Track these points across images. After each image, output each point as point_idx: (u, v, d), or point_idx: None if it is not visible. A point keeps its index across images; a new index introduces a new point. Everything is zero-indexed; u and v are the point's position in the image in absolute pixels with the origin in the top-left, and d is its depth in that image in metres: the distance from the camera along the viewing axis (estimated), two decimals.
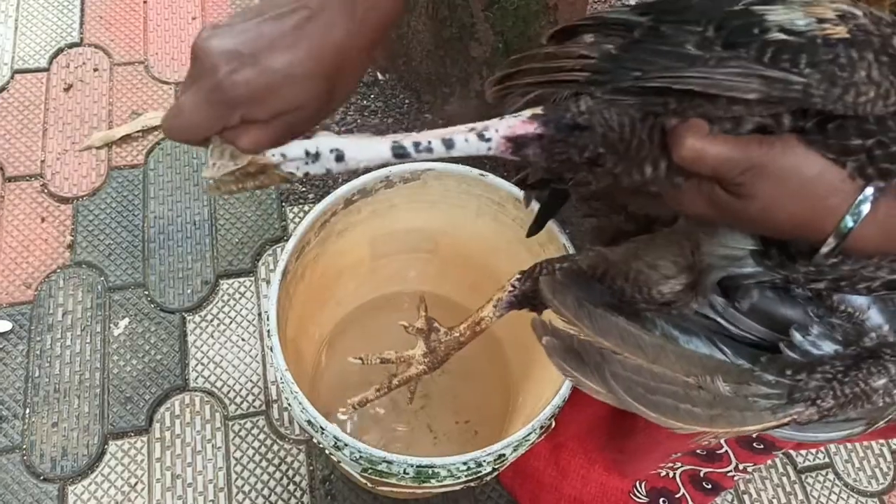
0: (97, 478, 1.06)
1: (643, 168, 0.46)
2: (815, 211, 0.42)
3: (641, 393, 0.49)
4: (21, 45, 1.43)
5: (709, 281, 0.53)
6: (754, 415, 0.48)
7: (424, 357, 0.70)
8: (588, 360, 0.50)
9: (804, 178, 0.42)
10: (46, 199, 1.28)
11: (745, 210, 0.44)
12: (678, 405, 0.48)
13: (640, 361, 0.50)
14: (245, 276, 1.23)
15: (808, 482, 1.14)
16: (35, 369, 1.13)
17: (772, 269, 0.50)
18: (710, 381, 0.49)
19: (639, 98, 0.45)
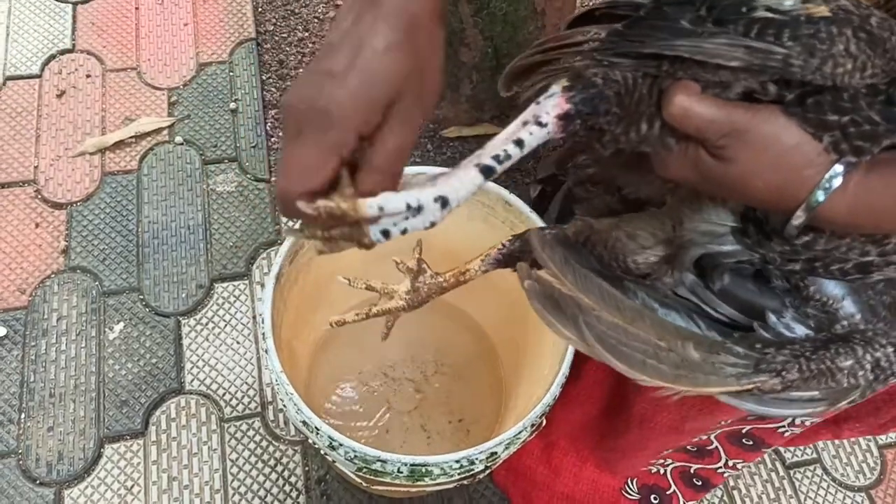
0: (93, 481, 1.07)
1: (640, 125, 0.49)
2: (789, 181, 0.44)
3: (612, 344, 0.51)
4: (13, 52, 1.44)
5: (688, 257, 0.55)
6: (719, 379, 0.50)
7: (407, 294, 0.73)
8: (566, 308, 0.52)
9: (783, 147, 0.44)
10: (40, 205, 1.28)
11: (724, 174, 0.46)
12: (646, 360, 0.50)
13: (617, 320, 0.52)
14: (239, 280, 1.24)
15: (797, 478, 1.16)
16: (30, 374, 1.13)
17: (750, 248, 0.52)
18: (680, 346, 0.51)
19: (636, 61, 0.48)
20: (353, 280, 0.76)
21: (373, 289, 0.75)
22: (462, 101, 1.39)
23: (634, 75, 0.48)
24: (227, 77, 1.45)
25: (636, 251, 0.57)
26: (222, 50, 1.49)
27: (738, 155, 0.45)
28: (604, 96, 0.49)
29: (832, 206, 0.44)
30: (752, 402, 0.51)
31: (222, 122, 1.40)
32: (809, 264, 0.50)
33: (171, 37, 1.49)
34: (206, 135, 1.38)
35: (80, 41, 1.46)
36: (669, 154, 0.48)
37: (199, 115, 1.40)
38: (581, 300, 0.53)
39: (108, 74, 1.43)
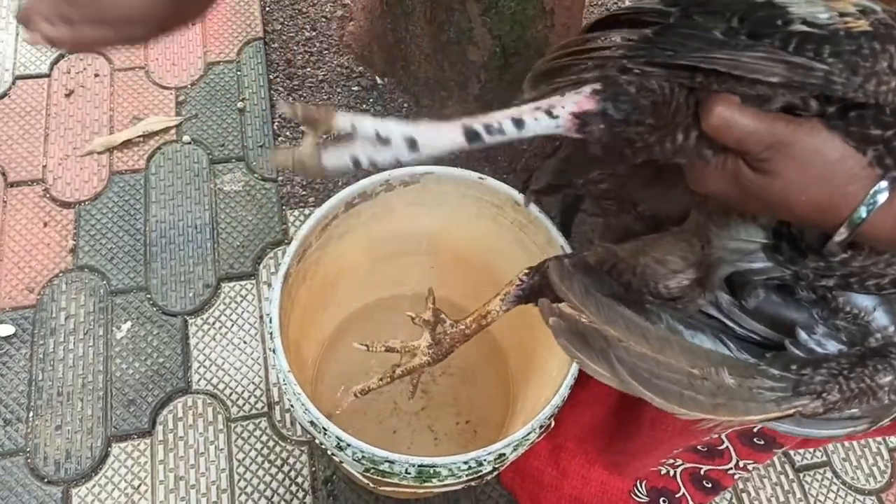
0: (101, 480, 1.07)
1: (675, 136, 0.47)
2: (833, 196, 0.43)
3: (646, 377, 0.50)
4: (22, 52, 1.44)
5: (717, 276, 0.54)
6: (758, 405, 0.48)
7: (429, 348, 0.71)
8: (593, 343, 0.51)
9: (827, 161, 0.43)
10: (49, 204, 1.29)
11: (766, 188, 0.44)
12: (682, 391, 0.49)
13: (645, 350, 0.51)
14: (246, 280, 1.24)
15: (807, 480, 1.15)
16: (38, 373, 1.14)
17: (782, 265, 0.51)
18: (714, 373, 0.49)
19: (669, 71, 0.47)
20: (371, 344, 0.75)
21: (393, 350, 0.74)
22: (470, 100, 1.39)
23: (671, 85, 0.47)
24: (234, 76, 1.45)
25: (668, 276, 0.56)
26: (230, 49, 1.49)
27: (781, 168, 0.43)
28: (638, 105, 0.48)
29: (876, 222, 0.43)
30: (790, 423, 0.50)
31: (230, 121, 1.40)
32: (844, 280, 0.48)
33: (180, 36, 1.49)
34: (213, 134, 1.38)
35: None
36: (706, 167, 0.47)
37: (206, 115, 1.40)
38: (606, 332, 0.52)
39: (117, 74, 1.44)
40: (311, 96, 1.44)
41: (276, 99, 1.43)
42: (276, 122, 1.41)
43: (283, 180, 1.34)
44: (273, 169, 0.49)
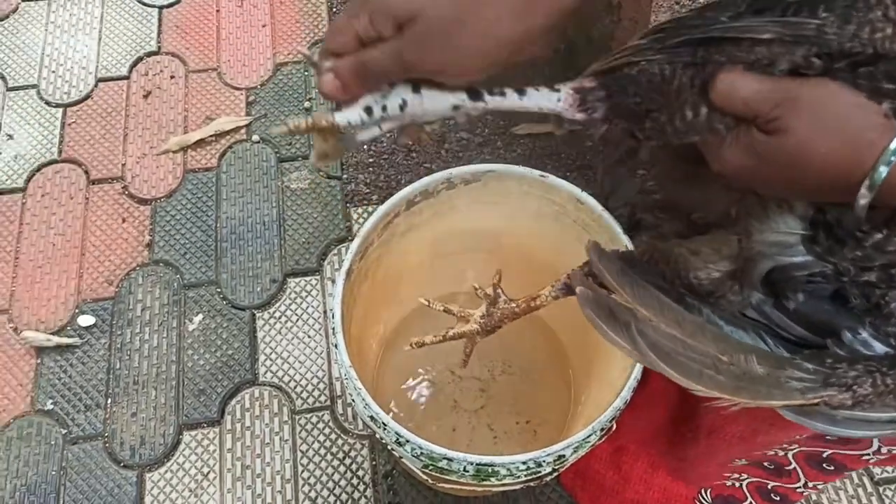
0: (172, 466, 1.11)
1: (684, 112, 0.48)
2: (852, 147, 0.42)
3: (667, 353, 0.49)
4: (104, 55, 1.51)
5: (757, 271, 0.52)
6: (782, 392, 0.47)
7: (481, 318, 0.75)
8: (619, 316, 0.51)
9: (839, 109, 0.42)
10: (127, 201, 1.35)
11: (781, 148, 0.43)
12: (703, 370, 0.48)
13: (675, 332, 0.50)
14: (311, 275, 1.27)
15: (887, 495, 1.09)
16: (116, 362, 1.19)
17: (821, 258, 0.49)
18: (743, 360, 0.48)
19: (670, 53, 0.48)
20: (432, 302, 0.79)
21: (450, 311, 0.77)
22: None
23: (672, 66, 0.48)
24: (301, 77, 1.48)
25: (699, 266, 0.55)
26: (298, 50, 1.52)
27: (793, 122, 0.42)
28: (633, 79, 0.49)
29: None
30: (823, 421, 0.48)
31: None
32: (885, 272, 0.46)
33: (250, 38, 1.54)
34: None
35: (165, 43, 1.53)
36: (722, 143, 0.47)
37: (274, 114, 1.44)
38: (638, 311, 0.51)
39: (191, 75, 1.49)
40: None
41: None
42: None
43: (347, 178, 1.37)
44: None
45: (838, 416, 0.48)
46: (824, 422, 0.48)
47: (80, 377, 1.18)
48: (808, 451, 0.72)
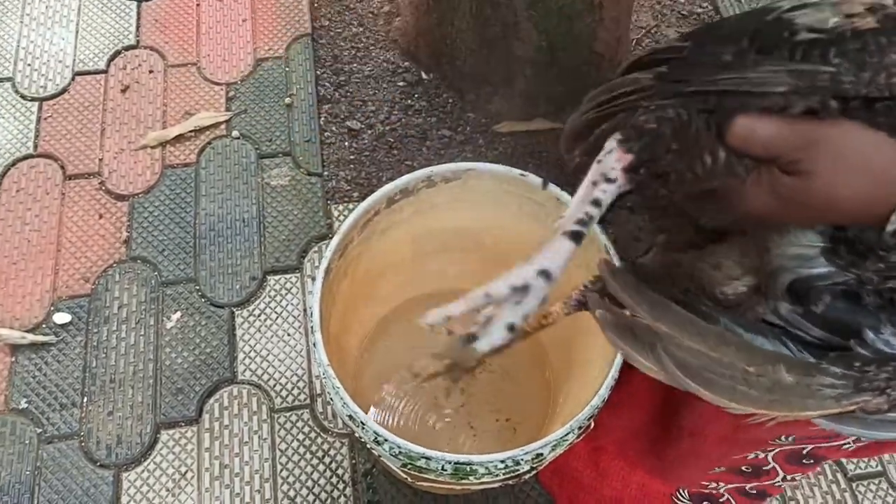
0: (150, 465, 1.10)
1: (703, 158, 0.48)
2: (876, 185, 0.42)
3: (696, 371, 0.49)
4: (81, 49, 1.49)
5: (779, 284, 0.52)
6: (816, 402, 0.47)
7: None
8: (641, 337, 0.50)
9: (861, 149, 0.42)
10: (104, 197, 1.33)
11: (806, 191, 0.43)
12: (735, 386, 0.48)
13: (698, 346, 0.49)
14: (291, 273, 1.26)
15: (860, 490, 1.11)
16: (92, 360, 1.18)
17: (843, 269, 0.49)
18: (771, 370, 0.48)
19: (683, 99, 0.48)
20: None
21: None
22: (515, 96, 1.38)
23: (688, 111, 0.48)
24: (282, 72, 1.47)
25: (723, 282, 0.54)
26: (279, 45, 1.51)
27: (817, 165, 0.43)
28: (660, 135, 0.48)
29: None
30: (856, 425, 0.48)
31: (277, 116, 1.42)
32: None
33: (230, 32, 1.52)
34: (261, 129, 1.41)
35: (143, 37, 1.51)
36: (743, 185, 0.46)
37: (255, 110, 1.43)
38: (658, 328, 0.50)
39: (170, 70, 1.47)
40: (358, 91, 1.45)
41: (323, 94, 1.45)
42: (322, 118, 1.42)
43: (328, 175, 1.36)
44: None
45: (869, 420, 0.48)
46: (857, 425, 0.48)
47: (56, 375, 1.16)
48: (788, 451, 0.72)
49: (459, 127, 1.41)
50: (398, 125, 1.41)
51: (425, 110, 1.43)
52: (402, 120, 1.42)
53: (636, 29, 1.52)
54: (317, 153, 1.38)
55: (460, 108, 1.43)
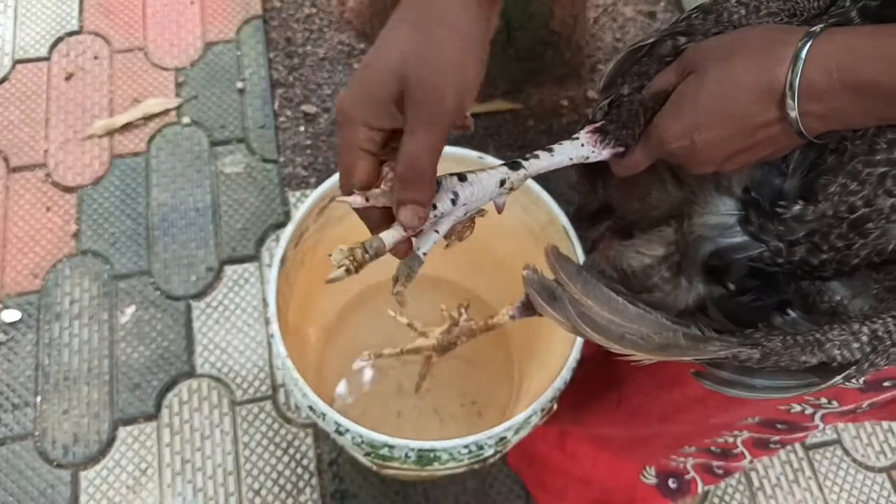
0: (108, 463, 1.07)
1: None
2: (766, 55, 0.45)
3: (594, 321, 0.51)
4: (21, 35, 1.43)
5: (700, 254, 0.53)
6: (698, 351, 0.49)
7: (440, 335, 0.80)
8: (560, 298, 0.53)
9: (743, 33, 0.47)
10: (51, 189, 1.28)
11: (703, 85, 0.47)
12: (624, 335, 0.50)
13: (615, 318, 0.52)
14: (249, 262, 1.24)
15: (816, 458, 1.14)
16: (44, 358, 1.14)
17: (756, 237, 0.51)
18: (671, 336, 0.50)
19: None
20: (397, 314, 0.84)
21: (412, 327, 0.82)
22: None
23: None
24: (233, 56, 1.43)
25: (631, 255, 0.57)
26: (229, 28, 1.46)
27: (703, 63, 0.47)
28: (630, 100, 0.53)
29: (814, 75, 0.43)
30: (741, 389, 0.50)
31: (230, 102, 1.38)
32: (811, 242, 0.48)
33: (178, 16, 1.47)
34: (213, 115, 1.37)
35: (87, 22, 1.45)
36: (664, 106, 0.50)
37: (206, 96, 1.39)
38: (583, 300, 0.52)
39: (116, 56, 1.42)
40: (312, 75, 1.42)
41: (276, 78, 1.41)
42: (276, 102, 1.39)
43: (284, 161, 1.33)
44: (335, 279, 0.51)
45: (757, 385, 0.49)
46: (743, 390, 0.50)
47: (6, 375, 1.12)
48: (757, 438, 0.73)
49: None
50: None
51: None
52: None
53: (593, 7, 1.51)
54: (272, 139, 1.35)
55: None
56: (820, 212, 0.47)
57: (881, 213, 0.46)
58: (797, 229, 0.48)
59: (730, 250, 0.52)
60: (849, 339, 0.46)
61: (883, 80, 0.42)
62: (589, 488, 0.97)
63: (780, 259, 0.50)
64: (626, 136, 0.52)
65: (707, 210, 0.52)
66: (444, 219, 0.49)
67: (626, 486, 0.95)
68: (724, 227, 0.52)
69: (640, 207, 0.60)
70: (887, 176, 0.45)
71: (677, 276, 0.55)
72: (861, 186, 0.46)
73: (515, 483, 1.09)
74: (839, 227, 0.47)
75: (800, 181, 0.49)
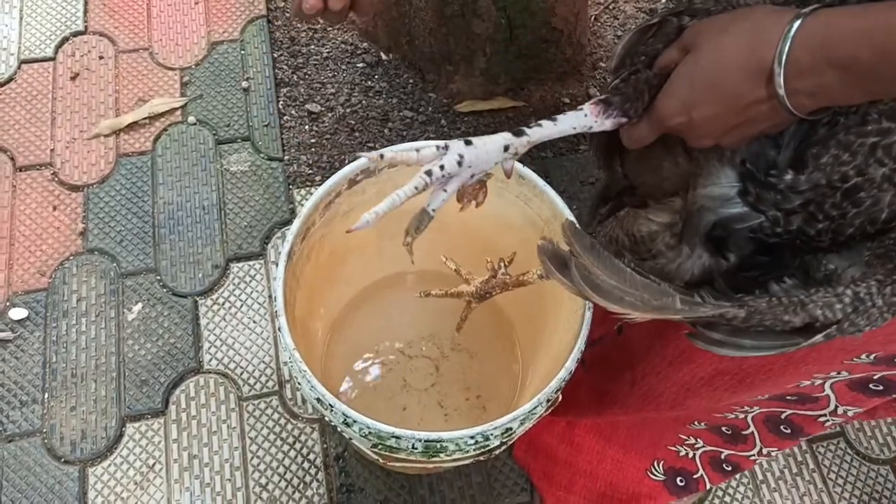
0: (116, 459, 1.08)
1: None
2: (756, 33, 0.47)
3: (595, 283, 0.53)
4: (27, 35, 1.44)
5: (702, 224, 0.55)
6: (689, 310, 0.51)
7: (480, 283, 0.84)
8: (568, 266, 0.55)
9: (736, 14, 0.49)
10: (57, 188, 1.29)
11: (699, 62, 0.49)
12: (623, 297, 0.52)
13: (621, 285, 0.53)
14: (255, 259, 1.24)
15: (820, 451, 1.14)
16: (52, 355, 1.15)
17: (754, 207, 0.53)
18: (669, 301, 0.52)
19: None
20: (447, 259, 0.88)
21: (458, 273, 0.87)
22: (476, 74, 1.37)
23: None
24: (238, 55, 1.44)
25: (641, 222, 0.59)
26: (233, 28, 1.47)
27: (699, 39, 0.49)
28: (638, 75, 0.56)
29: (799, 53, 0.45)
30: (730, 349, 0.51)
31: (234, 101, 1.39)
32: (806, 212, 0.50)
33: (183, 16, 1.48)
34: (218, 114, 1.38)
35: (92, 22, 1.46)
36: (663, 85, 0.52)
37: (211, 95, 1.40)
38: (594, 270, 0.54)
39: (121, 55, 1.43)
40: (316, 74, 1.43)
41: (281, 77, 1.42)
42: (280, 101, 1.40)
43: (289, 159, 1.34)
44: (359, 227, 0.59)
45: (745, 344, 0.50)
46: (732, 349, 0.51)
47: (14, 372, 1.13)
48: (768, 413, 0.74)
49: (421, 107, 1.40)
50: (359, 107, 1.39)
51: (386, 91, 1.42)
52: (363, 102, 1.40)
53: (594, 4, 1.52)
54: (276, 137, 1.36)
55: (421, 89, 1.42)
56: (814, 181, 0.49)
57: (873, 183, 0.47)
58: (793, 199, 0.50)
59: (731, 220, 0.54)
60: (831, 300, 0.47)
61: (862, 55, 0.43)
62: (595, 481, 0.98)
63: (778, 229, 0.52)
64: (629, 109, 0.54)
65: (710, 182, 0.54)
66: (452, 179, 0.53)
67: (633, 480, 0.95)
68: (724, 198, 0.54)
69: (653, 180, 0.62)
70: (878, 146, 0.47)
71: (679, 244, 0.56)
72: (853, 157, 0.47)
73: (520, 477, 1.09)
74: (833, 196, 0.49)
75: (792, 152, 0.51)
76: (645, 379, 0.80)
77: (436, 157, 0.54)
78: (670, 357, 0.73)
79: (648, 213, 0.59)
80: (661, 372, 0.76)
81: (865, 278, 0.49)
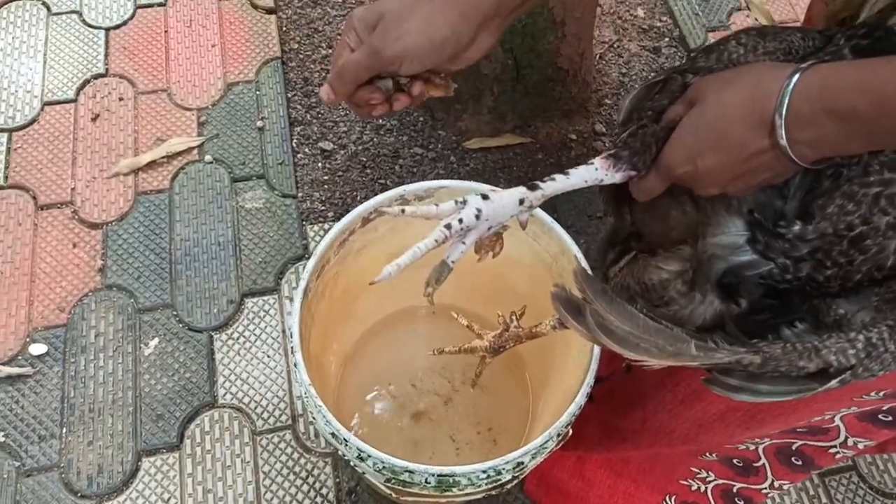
0: (132, 494, 1.09)
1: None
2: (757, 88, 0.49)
3: (609, 329, 0.54)
4: (49, 78, 1.49)
5: (713, 271, 0.56)
6: (707, 357, 0.52)
7: (493, 337, 0.85)
8: (583, 312, 0.56)
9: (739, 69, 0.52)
10: (77, 226, 1.33)
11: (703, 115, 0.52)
12: (639, 344, 0.53)
13: (635, 331, 0.54)
14: (269, 295, 1.27)
15: (832, 485, 1.14)
16: (70, 390, 1.17)
17: (764, 255, 0.54)
18: (684, 347, 0.53)
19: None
20: (458, 315, 0.90)
21: (471, 329, 0.88)
22: (484, 112, 1.40)
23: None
24: (253, 96, 1.49)
25: (651, 270, 0.60)
26: (249, 69, 1.52)
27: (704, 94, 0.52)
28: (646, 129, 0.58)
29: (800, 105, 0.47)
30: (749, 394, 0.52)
31: (249, 139, 1.43)
32: (814, 259, 0.51)
33: (200, 58, 1.53)
34: (234, 153, 1.42)
35: (112, 65, 1.51)
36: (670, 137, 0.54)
37: (227, 134, 1.44)
38: (607, 316, 0.55)
39: (140, 97, 1.48)
40: (329, 113, 1.47)
41: (295, 117, 1.46)
42: (294, 140, 1.44)
43: (302, 196, 1.37)
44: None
45: (762, 390, 0.51)
46: (749, 395, 0.52)
47: (33, 407, 1.15)
48: (779, 444, 0.75)
49: (431, 145, 1.44)
50: (370, 145, 1.43)
51: (396, 129, 1.45)
52: (374, 139, 1.44)
53: (599, 44, 1.56)
54: (290, 175, 1.39)
55: (431, 127, 1.45)
56: (821, 230, 0.50)
57: (878, 231, 0.49)
58: (801, 247, 0.51)
59: (741, 268, 0.55)
60: (845, 345, 0.49)
61: (861, 107, 0.45)
62: None
63: (787, 275, 0.53)
64: (638, 162, 0.56)
65: (719, 231, 0.56)
66: (470, 232, 0.55)
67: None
68: (734, 246, 0.55)
69: (661, 229, 0.64)
70: (881, 196, 0.48)
71: (691, 291, 0.58)
72: (857, 206, 0.49)
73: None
74: (840, 244, 0.50)
75: (798, 203, 0.52)
76: (656, 416, 0.80)
77: (454, 211, 0.56)
78: (682, 395, 0.74)
79: (658, 262, 0.61)
80: (672, 409, 0.77)
81: (876, 323, 0.50)
